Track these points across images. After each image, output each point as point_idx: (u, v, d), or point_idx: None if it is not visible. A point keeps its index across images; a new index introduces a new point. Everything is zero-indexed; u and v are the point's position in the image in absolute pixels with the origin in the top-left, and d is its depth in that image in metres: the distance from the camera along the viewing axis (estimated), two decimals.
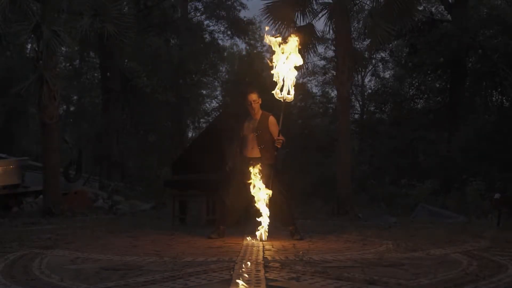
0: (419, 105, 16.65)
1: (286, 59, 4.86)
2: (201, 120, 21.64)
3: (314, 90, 21.03)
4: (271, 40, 4.96)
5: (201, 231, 6.10)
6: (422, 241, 4.64)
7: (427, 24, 13.30)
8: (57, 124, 9.06)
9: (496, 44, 12.79)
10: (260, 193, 4.82)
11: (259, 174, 4.84)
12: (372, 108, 19.00)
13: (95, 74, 18.89)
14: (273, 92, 4.89)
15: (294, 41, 4.88)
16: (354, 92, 18.84)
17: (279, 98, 4.90)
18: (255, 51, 22.03)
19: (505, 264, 3.27)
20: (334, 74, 11.55)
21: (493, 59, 12.54)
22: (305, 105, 19.85)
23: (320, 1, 9.80)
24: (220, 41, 19.58)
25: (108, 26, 8.99)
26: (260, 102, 5.14)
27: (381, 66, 18.95)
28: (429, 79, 15.69)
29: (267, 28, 8.07)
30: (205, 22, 19.06)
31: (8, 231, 5.87)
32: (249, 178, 4.87)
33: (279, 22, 9.67)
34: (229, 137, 5.71)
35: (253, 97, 5.08)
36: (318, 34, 10.25)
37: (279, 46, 4.90)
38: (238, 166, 5.10)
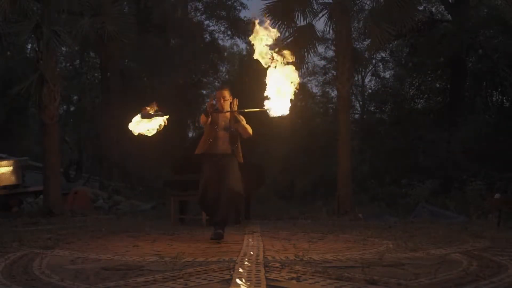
0: (419, 105, 16.65)
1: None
2: None
3: (314, 90, 21.08)
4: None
5: (201, 231, 6.11)
6: (422, 241, 4.64)
7: (427, 24, 13.29)
8: (57, 124, 9.06)
9: (496, 44, 12.78)
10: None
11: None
12: (372, 108, 19.02)
13: (95, 74, 18.89)
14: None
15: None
16: (354, 92, 18.87)
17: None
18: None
19: (505, 264, 3.27)
20: (334, 74, 11.56)
21: (493, 59, 12.54)
22: (305, 105, 19.88)
23: (320, 1, 9.82)
24: (220, 41, 19.60)
25: (108, 26, 9.00)
26: (230, 100, 4.97)
27: (381, 66, 18.99)
28: (429, 79, 15.70)
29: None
30: (205, 22, 19.08)
31: (8, 231, 5.87)
32: (219, 174, 4.80)
33: (279, 22, 9.69)
34: None
35: (224, 94, 4.98)
36: (318, 34, 10.27)
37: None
38: (206, 162, 4.94)
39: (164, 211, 9.43)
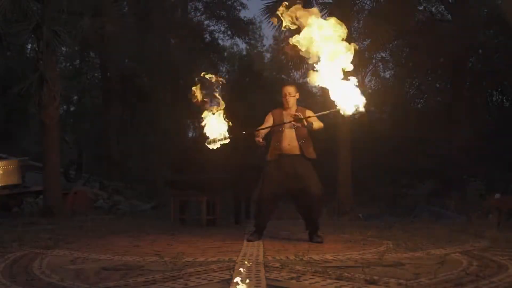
0: (419, 105, 16.65)
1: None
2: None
3: (314, 90, 21.05)
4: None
5: (201, 231, 6.11)
6: (422, 241, 4.64)
7: (427, 24, 13.30)
8: (57, 124, 9.07)
9: (496, 44, 12.79)
10: None
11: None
12: (372, 108, 18.99)
13: (95, 74, 18.89)
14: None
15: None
16: None
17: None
18: (255, 51, 22.07)
19: (505, 264, 3.27)
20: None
21: (493, 59, 12.54)
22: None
23: (320, 1, 9.83)
24: (220, 41, 19.59)
25: (108, 26, 9.00)
26: (297, 96, 4.96)
27: (381, 66, 18.95)
28: (429, 79, 15.69)
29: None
30: (205, 22, 19.06)
31: (8, 231, 5.87)
32: (286, 177, 4.68)
33: (279, 22, 9.68)
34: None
35: (290, 89, 4.91)
36: None
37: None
38: (273, 164, 4.82)
39: (164, 211, 9.43)
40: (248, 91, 16.21)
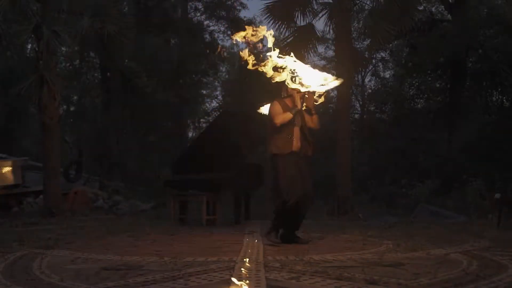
0: (419, 105, 16.65)
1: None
2: (201, 120, 21.65)
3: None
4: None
5: (201, 231, 6.11)
6: (422, 241, 4.64)
7: (427, 24, 13.30)
8: (57, 124, 9.06)
9: (496, 44, 12.79)
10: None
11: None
12: (372, 108, 19.01)
13: (95, 74, 18.87)
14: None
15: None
16: (354, 92, 18.84)
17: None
18: (255, 51, 22.06)
19: (505, 264, 3.27)
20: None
21: (493, 59, 12.54)
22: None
23: (320, 1, 9.84)
24: (220, 41, 19.58)
25: (108, 26, 9.00)
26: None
27: (381, 66, 18.97)
28: (429, 79, 15.69)
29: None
30: (205, 22, 19.07)
31: (8, 231, 5.87)
32: (302, 174, 4.54)
33: (279, 22, 9.69)
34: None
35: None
36: (318, 34, 10.27)
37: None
38: (288, 163, 4.54)
39: (164, 211, 9.42)
40: (248, 91, 16.25)
